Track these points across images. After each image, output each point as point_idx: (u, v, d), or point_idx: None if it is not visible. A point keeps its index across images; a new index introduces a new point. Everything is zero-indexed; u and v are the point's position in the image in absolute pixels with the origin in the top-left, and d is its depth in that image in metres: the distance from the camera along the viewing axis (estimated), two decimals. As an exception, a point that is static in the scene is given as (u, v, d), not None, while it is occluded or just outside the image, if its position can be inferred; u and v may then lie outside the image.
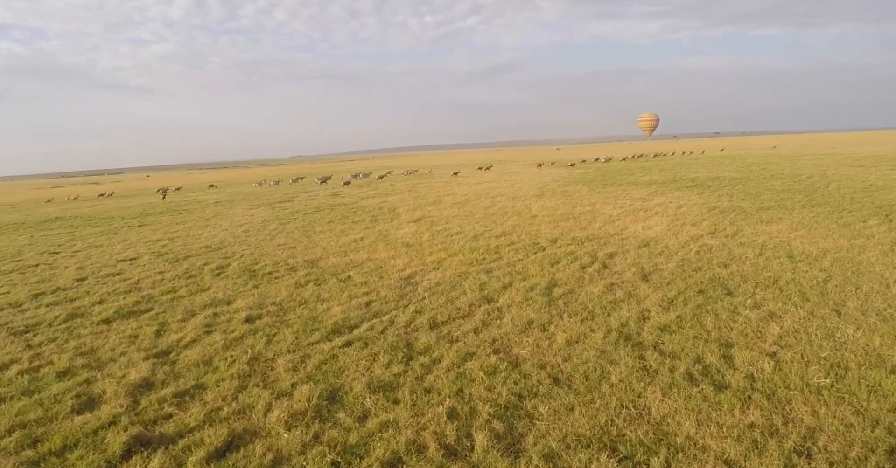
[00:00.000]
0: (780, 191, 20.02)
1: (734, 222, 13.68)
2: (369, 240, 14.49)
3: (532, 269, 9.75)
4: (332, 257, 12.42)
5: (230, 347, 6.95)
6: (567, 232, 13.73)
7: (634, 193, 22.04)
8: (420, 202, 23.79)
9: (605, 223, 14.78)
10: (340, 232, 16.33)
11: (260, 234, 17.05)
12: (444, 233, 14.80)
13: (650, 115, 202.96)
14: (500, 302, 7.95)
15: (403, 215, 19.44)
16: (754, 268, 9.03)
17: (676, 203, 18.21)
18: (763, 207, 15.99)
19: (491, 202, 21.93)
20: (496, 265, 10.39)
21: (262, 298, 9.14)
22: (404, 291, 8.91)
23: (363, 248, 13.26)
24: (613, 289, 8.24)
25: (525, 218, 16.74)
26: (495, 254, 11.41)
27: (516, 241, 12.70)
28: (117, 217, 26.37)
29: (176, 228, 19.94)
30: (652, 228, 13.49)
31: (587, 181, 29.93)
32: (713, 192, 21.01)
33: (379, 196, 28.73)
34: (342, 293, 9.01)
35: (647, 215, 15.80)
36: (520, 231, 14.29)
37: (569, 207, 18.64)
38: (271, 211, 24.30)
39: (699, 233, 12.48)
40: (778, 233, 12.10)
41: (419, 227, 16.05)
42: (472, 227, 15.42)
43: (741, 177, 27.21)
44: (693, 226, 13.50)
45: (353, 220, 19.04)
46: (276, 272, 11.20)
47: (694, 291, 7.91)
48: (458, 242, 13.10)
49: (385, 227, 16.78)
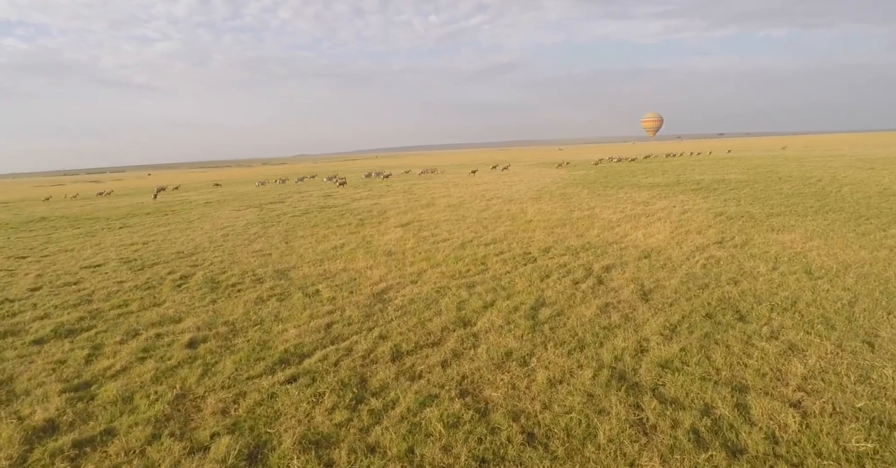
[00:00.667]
0: (790, 195, 18.95)
1: (743, 230, 12.64)
2: (350, 246, 13.52)
3: (519, 285, 8.73)
4: (306, 267, 11.45)
5: (160, 379, 5.97)
6: (562, 239, 12.72)
7: (636, 197, 20.99)
8: (412, 205, 22.80)
9: (603, 230, 13.76)
10: (322, 237, 15.36)
11: (239, 238, 16.11)
12: (430, 239, 13.81)
13: (654, 115, 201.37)
14: (478, 326, 6.93)
15: (392, 219, 18.46)
16: (768, 287, 7.97)
17: (680, 207, 17.17)
18: (773, 213, 14.94)
19: (485, 205, 20.93)
20: (480, 279, 9.38)
21: (215, 316, 8.17)
22: (373, 310, 7.91)
23: (341, 257, 12.28)
24: (608, 312, 7.19)
25: (519, 223, 15.73)
26: (481, 266, 10.40)
27: (506, 251, 11.69)
28: (102, 217, 25.48)
29: (156, 231, 19.02)
30: (654, 236, 12.47)
31: (588, 183, 28.89)
32: (719, 195, 19.95)
33: (372, 197, 27.76)
34: (304, 312, 8.02)
35: (648, 221, 14.77)
36: (512, 238, 13.28)
37: (566, 212, 17.62)
38: (259, 212, 23.35)
39: (705, 242, 11.45)
40: (791, 243, 11.06)
41: (405, 233, 15.06)
42: (462, 233, 14.42)
43: (748, 179, 26.11)
44: (698, 234, 12.47)
45: (338, 223, 18.07)
46: (240, 284, 10.24)
47: (700, 315, 6.85)
48: (444, 251, 12.11)
49: (370, 231, 15.80)
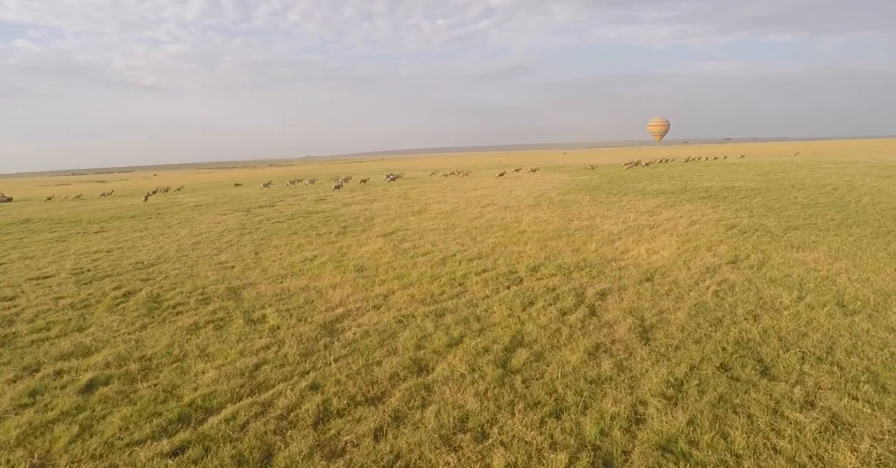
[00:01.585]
0: (807, 205, 17.50)
1: (758, 247, 11.24)
2: (321, 259, 12.24)
3: (497, 314, 7.39)
4: (265, 284, 10.18)
5: (24, 440, 4.71)
6: (555, 255, 11.38)
7: (640, 205, 19.60)
8: (403, 211, 21.52)
9: (602, 243, 12.40)
10: (296, 247, 14.10)
11: (209, 247, 14.88)
12: (410, 252, 12.51)
13: (661, 119, 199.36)
14: (436, 373, 5.59)
15: (377, 227, 17.19)
16: (795, 325, 6.57)
17: (688, 218, 15.77)
18: (791, 226, 13.52)
19: (479, 212, 19.60)
20: (454, 305, 8.05)
21: (134, 348, 6.90)
22: (316, 346, 6.61)
23: (307, 272, 11.01)
24: (598, 357, 5.81)
25: (511, 234, 14.40)
26: (459, 288, 9.07)
27: (490, 268, 10.35)
28: (84, 220, 24.37)
29: (128, 237, 17.85)
30: (658, 253, 11.10)
31: (590, 189, 27.49)
32: (729, 204, 18.52)
33: (365, 202, 26.51)
34: (236, 346, 6.74)
35: (652, 234, 13.39)
36: (500, 252, 11.95)
37: (564, 221, 16.26)
38: (243, 217, 22.16)
39: (717, 261, 10.07)
40: (815, 263, 9.67)
41: (386, 244, 13.77)
42: (447, 245, 13.11)
43: (759, 187, 24.63)
44: (708, 250, 11.09)
45: (319, 231, 16.81)
46: (183, 304, 8.98)
47: (713, 366, 5.45)
48: (421, 267, 10.80)
49: (349, 241, 14.52)
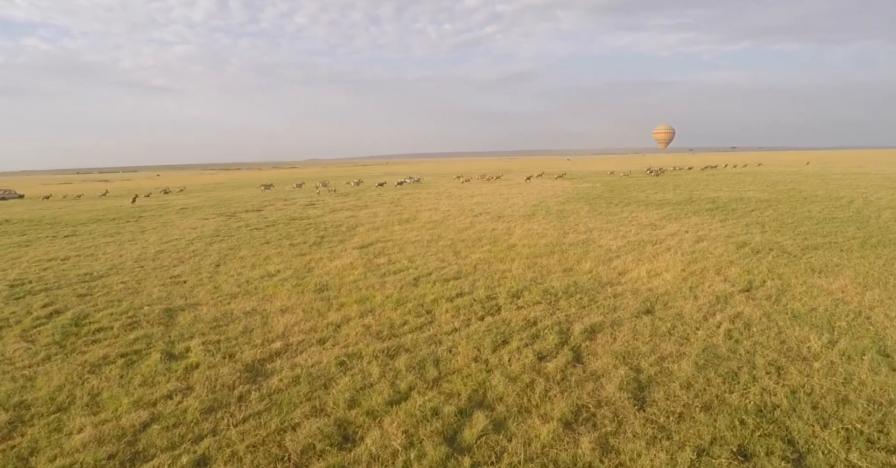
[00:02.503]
0: (822, 220, 16.13)
1: (774, 270, 9.89)
2: (283, 275, 10.97)
3: (460, 358, 6.06)
4: (209, 305, 8.91)
5: None
6: (544, 276, 10.06)
7: (643, 217, 18.26)
8: (391, 219, 20.25)
9: (597, 262, 11.08)
10: (263, 259, 12.85)
11: (170, 256, 13.66)
12: (383, 269, 11.22)
13: (666, 127, 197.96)
14: (360, 449, 4.26)
15: (357, 237, 15.92)
16: (831, 383, 5.17)
17: (694, 233, 14.43)
18: (809, 245, 12.16)
19: (470, 222, 18.31)
20: (412, 340, 6.74)
21: (20, 389, 5.64)
22: (229, 397, 5.31)
23: (262, 290, 9.73)
24: (577, 431, 4.43)
25: (499, 249, 13.09)
26: (425, 317, 7.76)
27: (467, 292, 9.03)
28: (62, 223, 23.24)
29: (95, 243, 16.67)
30: (660, 275, 9.77)
31: (591, 198, 26.16)
32: (739, 218, 17.17)
33: (353, 208, 25.27)
34: (135, 392, 5.46)
35: (655, 251, 12.06)
36: (482, 271, 10.65)
37: (558, 235, 14.94)
38: (223, 222, 20.95)
39: (728, 289, 8.71)
40: (843, 293, 8.32)
41: (359, 258, 12.49)
42: (425, 261, 11.81)
43: (769, 198, 23.25)
44: (717, 274, 9.75)
45: (294, 241, 15.55)
46: (105, 330, 7.71)
47: (728, 450, 4.02)
48: (389, 288, 9.50)
49: (321, 254, 13.24)
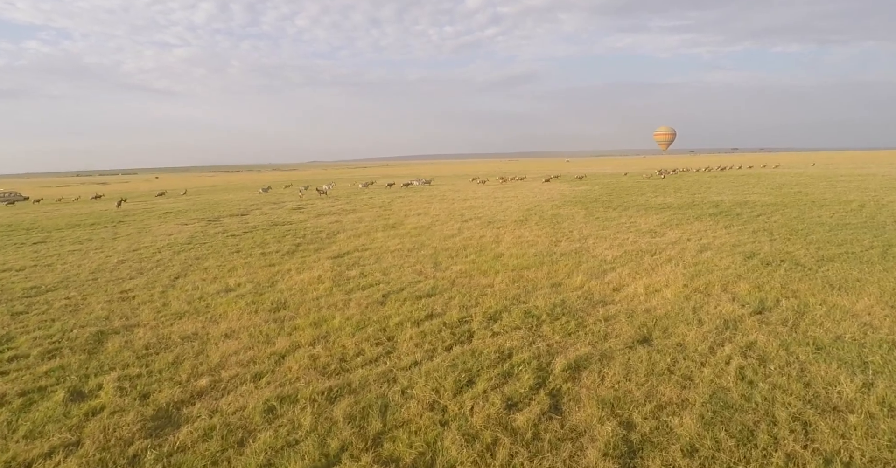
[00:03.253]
0: (835, 226, 15.03)
1: (788, 286, 8.78)
2: (241, 290, 9.90)
3: (412, 404, 4.91)
4: (148, 327, 7.83)
5: None
6: (528, 292, 8.96)
7: (642, 223, 17.17)
8: (376, 224, 19.18)
9: (590, 276, 9.99)
10: (228, 271, 11.79)
11: (131, 267, 12.60)
12: (351, 283, 10.14)
13: (667, 129, 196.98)
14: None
15: (336, 245, 14.85)
16: (873, 449, 3.97)
17: (697, 241, 13.34)
18: (823, 256, 11.05)
19: (458, 228, 17.23)
20: (362, 378, 5.63)
21: None
22: (118, 460, 4.19)
23: (212, 309, 8.66)
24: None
25: (484, 259, 12.02)
26: (384, 345, 6.66)
27: (438, 313, 7.93)
28: (37, 228, 22.15)
29: (61, 251, 15.61)
30: (660, 292, 8.67)
31: (588, 201, 25.08)
32: (744, 224, 16.07)
33: (341, 212, 24.22)
34: (6, 451, 4.36)
35: (654, 263, 10.97)
36: (460, 287, 9.55)
37: (550, 243, 13.86)
38: (201, 228, 19.89)
39: (737, 310, 7.60)
40: (869, 315, 7.21)
41: (330, 269, 11.40)
42: (400, 274, 10.74)
43: (775, 202, 22.16)
44: (725, 291, 8.64)
45: (267, 249, 14.49)
46: (23, 357, 6.63)
47: None
48: (353, 307, 8.41)
49: (291, 265, 12.17)
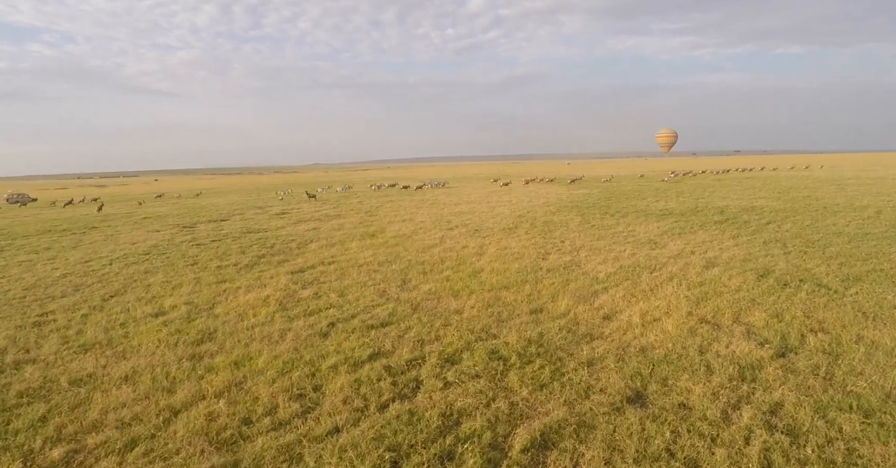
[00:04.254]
0: (854, 237, 13.58)
1: (813, 315, 7.33)
2: (174, 314, 8.51)
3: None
4: (41, 364, 6.47)
5: None
6: (500, 323, 7.54)
7: (641, 231, 15.74)
8: (355, 232, 17.79)
9: (578, 299, 8.56)
10: (172, 288, 10.42)
11: (69, 283, 11.26)
12: (300, 306, 8.73)
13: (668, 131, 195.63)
14: None
15: (303, 257, 13.46)
16: None
17: (702, 255, 11.90)
18: (849, 275, 9.59)
19: (440, 238, 15.83)
20: (256, 455, 4.21)
21: None
22: None
23: (129, 339, 7.27)
24: None
25: (460, 276, 10.61)
26: (305, 400, 5.24)
27: (386, 351, 6.51)
28: (2, 235, 20.84)
29: (11, 262, 14.35)
30: (658, 323, 7.24)
31: (585, 207, 23.63)
32: (753, 233, 14.63)
33: (324, 218, 22.84)
34: None
35: (653, 282, 9.54)
36: (422, 314, 8.13)
37: (537, 256, 12.44)
38: (170, 235, 18.55)
39: (754, 352, 6.13)
40: (920, 358, 5.79)
41: (283, 288, 10.00)
42: (358, 296, 9.32)
43: (784, 208, 20.71)
44: (737, 322, 7.21)
45: (226, 262, 13.10)
46: None
47: None
48: (288, 341, 7.01)
49: (244, 281, 10.78)
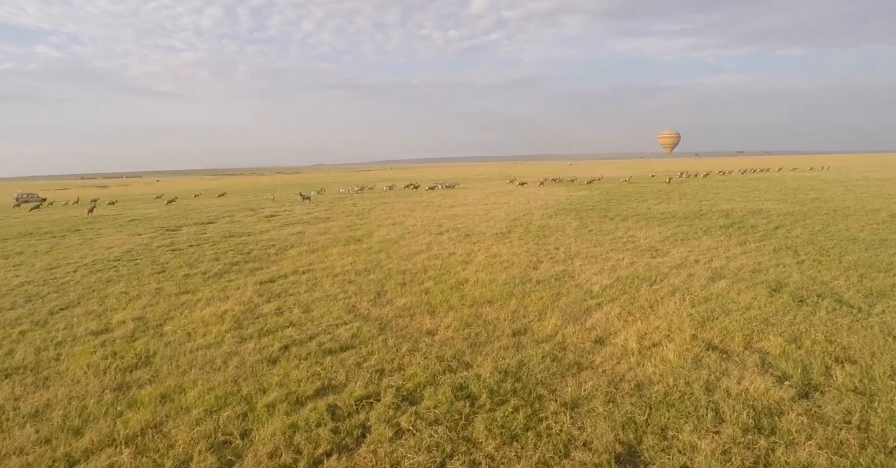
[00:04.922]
0: (871, 243, 12.62)
1: (836, 340, 6.38)
2: (118, 332, 7.63)
3: None
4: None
5: None
6: (476, 348, 6.62)
7: (641, 237, 14.78)
8: (340, 237, 16.91)
9: (568, 318, 7.63)
10: (128, 301, 9.55)
11: (21, 295, 10.44)
12: (258, 324, 7.83)
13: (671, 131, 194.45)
14: None
15: (278, 264, 12.57)
16: None
17: (707, 264, 10.95)
18: (872, 290, 8.61)
19: (428, 244, 14.92)
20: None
21: None
22: None
23: (57, 363, 6.40)
24: None
25: (442, 288, 9.70)
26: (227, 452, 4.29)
27: (338, 385, 5.57)
28: None
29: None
30: (658, 349, 6.30)
31: (584, 210, 22.67)
32: (762, 239, 13.66)
33: (312, 221, 21.99)
34: None
35: (653, 297, 8.59)
36: (388, 336, 7.21)
37: (528, 265, 11.51)
38: (150, 239, 17.73)
39: (773, 391, 5.16)
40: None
41: (247, 301, 9.11)
42: (324, 312, 8.41)
43: (793, 211, 19.73)
44: (749, 348, 6.26)
45: (195, 269, 12.23)
46: None
47: None
48: (233, 367, 6.10)
49: (207, 293, 9.89)
